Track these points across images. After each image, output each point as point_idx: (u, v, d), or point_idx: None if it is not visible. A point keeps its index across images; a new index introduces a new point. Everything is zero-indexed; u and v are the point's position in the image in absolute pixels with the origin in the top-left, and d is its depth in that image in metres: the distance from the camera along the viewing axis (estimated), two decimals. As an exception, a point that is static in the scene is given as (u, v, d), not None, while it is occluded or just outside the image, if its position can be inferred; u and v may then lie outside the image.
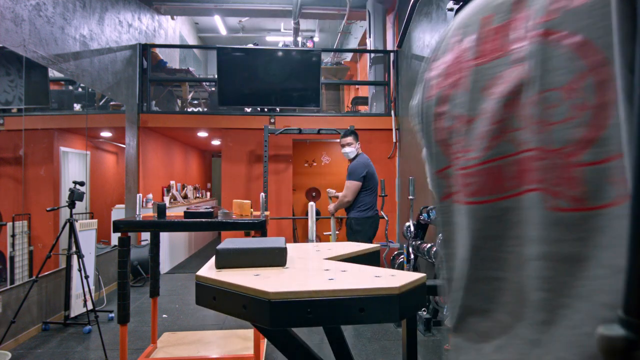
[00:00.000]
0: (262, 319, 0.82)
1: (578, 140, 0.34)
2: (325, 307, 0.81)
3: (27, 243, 3.48)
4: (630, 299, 0.31)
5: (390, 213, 5.62)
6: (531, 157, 0.37)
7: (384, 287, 0.84)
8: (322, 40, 9.96)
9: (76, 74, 4.22)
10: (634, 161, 0.29)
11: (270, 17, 8.48)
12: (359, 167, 3.67)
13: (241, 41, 9.86)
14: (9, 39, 3.23)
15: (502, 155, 0.39)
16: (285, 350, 1.12)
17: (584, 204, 0.33)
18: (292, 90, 5.74)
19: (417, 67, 5.10)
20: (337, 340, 1.36)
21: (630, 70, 0.30)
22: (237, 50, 5.89)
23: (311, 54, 5.84)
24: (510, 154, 0.39)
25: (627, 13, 0.31)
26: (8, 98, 3.26)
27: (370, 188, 3.70)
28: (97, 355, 3.09)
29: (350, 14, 6.83)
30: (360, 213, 3.68)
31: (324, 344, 2.43)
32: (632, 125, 0.30)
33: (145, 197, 5.86)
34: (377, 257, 1.41)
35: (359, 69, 8.93)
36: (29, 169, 3.53)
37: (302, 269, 1.03)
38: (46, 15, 3.73)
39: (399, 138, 5.92)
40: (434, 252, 3.94)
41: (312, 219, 3.62)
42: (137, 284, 5.24)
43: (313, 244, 1.43)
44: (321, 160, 7.64)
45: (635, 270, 0.30)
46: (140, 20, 6.05)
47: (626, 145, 0.31)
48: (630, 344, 0.29)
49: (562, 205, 0.34)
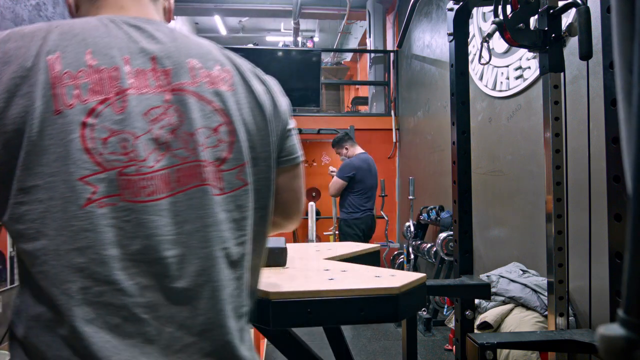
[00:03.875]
0: (262, 319, 0.82)
1: (221, 158, 0.62)
2: (325, 307, 0.82)
3: (27, 243, 3.49)
4: (630, 299, 0.31)
5: (390, 213, 5.63)
6: (195, 165, 0.59)
7: (384, 287, 0.84)
8: (322, 40, 9.96)
9: (76, 74, 4.22)
10: (633, 161, 0.29)
11: (270, 17, 8.48)
12: (347, 167, 3.71)
13: (241, 41, 9.86)
14: (9, 39, 3.24)
15: (170, 165, 0.59)
16: (285, 350, 1.12)
17: (224, 191, 0.62)
18: (292, 90, 5.72)
19: (417, 67, 5.10)
20: (337, 340, 1.37)
21: (629, 70, 0.30)
22: (237, 50, 5.84)
23: (311, 54, 5.85)
24: (175, 165, 0.59)
25: (626, 13, 0.31)
26: (8, 98, 3.26)
27: (360, 190, 3.70)
28: (97, 355, 3.09)
29: (350, 14, 6.83)
30: (347, 215, 3.71)
31: (324, 344, 2.43)
32: (630, 125, 0.30)
33: (145, 197, 5.85)
34: (377, 257, 1.41)
35: (359, 69, 8.93)
36: (29, 169, 3.53)
37: (302, 269, 1.03)
38: (46, 16, 3.74)
39: (399, 138, 5.92)
40: (434, 252, 3.94)
41: (312, 219, 3.62)
42: (137, 284, 5.24)
43: (313, 244, 1.43)
44: (321, 160, 7.65)
45: (635, 270, 0.30)
46: (140, 21, 6.05)
47: (625, 145, 0.31)
48: (630, 344, 0.29)
49: (217, 192, 0.61)
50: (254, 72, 0.73)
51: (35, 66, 0.54)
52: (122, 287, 0.54)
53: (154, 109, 0.59)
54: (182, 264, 0.58)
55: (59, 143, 0.54)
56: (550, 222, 1.30)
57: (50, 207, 0.54)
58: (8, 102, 0.53)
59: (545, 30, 1.26)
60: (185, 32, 0.74)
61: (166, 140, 0.59)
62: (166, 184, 0.58)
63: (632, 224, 0.30)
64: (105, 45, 0.59)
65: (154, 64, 0.61)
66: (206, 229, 0.60)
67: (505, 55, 2.95)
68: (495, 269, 2.68)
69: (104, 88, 0.57)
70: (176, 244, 0.58)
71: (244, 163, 0.64)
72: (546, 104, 1.30)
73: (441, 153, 4.27)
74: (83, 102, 0.56)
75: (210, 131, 0.62)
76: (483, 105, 3.30)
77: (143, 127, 0.58)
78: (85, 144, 0.55)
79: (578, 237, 1.90)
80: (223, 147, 0.62)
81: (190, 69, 0.63)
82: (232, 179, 0.63)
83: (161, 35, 0.64)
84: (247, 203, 0.65)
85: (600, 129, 1.06)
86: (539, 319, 2.15)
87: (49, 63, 0.55)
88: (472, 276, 1.38)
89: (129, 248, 0.55)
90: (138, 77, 0.59)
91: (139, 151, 0.57)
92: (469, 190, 1.43)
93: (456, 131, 1.43)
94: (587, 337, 1.04)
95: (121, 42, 0.60)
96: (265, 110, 0.68)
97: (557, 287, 1.29)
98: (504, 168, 3.03)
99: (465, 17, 1.46)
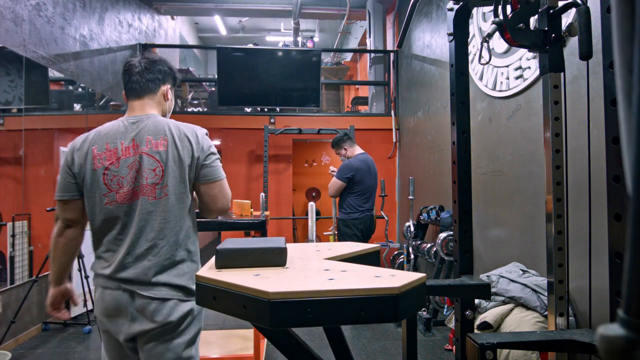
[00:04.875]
0: (262, 319, 0.82)
1: (155, 183, 1.37)
2: (325, 307, 0.81)
3: (27, 243, 3.48)
4: (630, 299, 0.31)
5: (390, 213, 5.62)
6: (142, 186, 1.37)
7: (384, 287, 0.84)
8: (322, 40, 9.96)
9: (76, 74, 4.22)
10: (633, 161, 0.29)
11: (270, 17, 8.48)
12: (346, 168, 3.71)
13: (241, 41, 9.86)
14: (9, 39, 3.23)
15: (135, 188, 1.37)
16: (285, 350, 1.12)
17: (155, 199, 1.38)
18: (292, 90, 5.74)
19: (417, 67, 5.10)
20: (337, 340, 1.36)
21: (629, 70, 0.30)
22: (237, 50, 5.88)
23: (311, 54, 5.84)
24: (138, 186, 1.38)
25: (626, 12, 0.31)
26: (8, 98, 3.26)
27: (359, 191, 3.70)
28: (97, 355, 3.09)
29: (350, 14, 6.83)
30: (346, 215, 3.71)
31: (324, 344, 2.43)
32: (630, 125, 0.30)
33: (145, 197, 5.86)
34: (377, 257, 1.41)
35: (359, 69, 8.93)
36: (29, 169, 3.53)
37: (302, 269, 1.03)
38: (46, 15, 3.73)
39: (399, 138, 5.92)
40: (434, 252, 3.94)
41: (312, 219, 3.62)
42: (137, 284, 5.24)
43: (313, 244, 1.43)
44: (321, 160, 7.64)
45: (635, 270, 0.30)
46: (140, 20, 6.05)
47: (625, 145, 0.31)
48: (630, 344, 0.29)
49: (151, 199, 1.37)
50: (186, 135, 1.41)
51: (88, 151, 1.39)
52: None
53: (131, 163, 1.37)
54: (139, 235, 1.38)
55: (94, 180, 1.37)
56: (550, 222, 1.30)
57: (95, 205, 1.39)
58: (80, 163, 1.38)
59: (545, 30, 1.26)
60: (157, 116, 1.46)
61: (133, 176, 1.37)
62: (131, 197, 1.37)
63: (632, 224, 0.30)
64: (114, 137, 1.39)
65: (133, 142, 1.38)
66: (146, 216, 1.38)
67: (505, 55, 2.95)
68: (495, 269, 2.68)
69: (111, 158, 1.37)
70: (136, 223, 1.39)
71: (166, 185, 1.37)
72: (546, 104, 1.30)
73: (441, 153, 4.27)
74: (103, 164, 1.37)
75: (151, 170, 1.37)
76: (483, 105, 3.30)
77: (126, 172, 1.37)
78: (105, 180, 1.37)
79: (578, 237, 1.90)
80: (157, 178, 1.37)
81: (147, 141, 1.38)
82: (161, 193, 1.37)
83: (142, 124, 1.40)
84: (167, 204, 1.38)
85: (600, 129, 1.05)
86: (539, 319, 2.15)
87: (92, 149, 1.39)
88: (472, 276, 1.38)
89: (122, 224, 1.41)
90: (125, 150, 1.37)
91: (123, 183, 1.37)
92: (469, 190, 1.43)
93: (456, 131, 1.43)
94: (587, 337, 1.04)
95: (122, 134, 1.39)
96: (183, 158, 1.39)
97: (557, 287, 1.29)
98: (504, 168, 3.03)
99: (465, 17, 1.45)
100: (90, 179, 1.36)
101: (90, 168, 1.36)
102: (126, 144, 1.37)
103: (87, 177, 1.36)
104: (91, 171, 1.36)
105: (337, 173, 3.73)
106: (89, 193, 1.37)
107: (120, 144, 1.37)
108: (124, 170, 1.36)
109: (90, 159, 1.36)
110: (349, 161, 3.75)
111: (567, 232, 1.29)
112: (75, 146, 1.40)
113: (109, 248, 1.40)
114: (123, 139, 1.37)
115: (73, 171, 1.38)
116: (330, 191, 3.79)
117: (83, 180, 1.37)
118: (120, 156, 1.36)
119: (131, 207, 1.36)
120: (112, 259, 1.38)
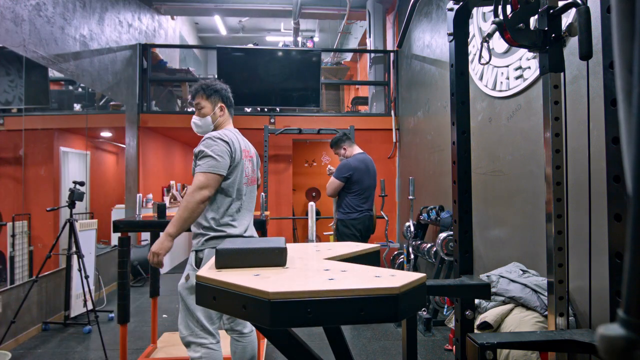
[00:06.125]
0: (262, 319, 0.82)
1: (256, 177, 2.28)
2: (325, 307, 0.81)
3: (27, 243, 3.48)
4: (630, 299, 0.31)
5: (390, 213, 5.62)
6: (252, 177, 2.23)
7: (383, 287, 0.84)
8: (322, 40, 9.96)
9: (76, 74, 4.22)
10: (633, 161, 0.29)
11: (270, 17, 8.48)
12: (344, 167, 3.70)
13: (241, 41, 9.86)
14: (9, 39, 3.23)
15: (250, 179, 2.18)
16: (285, 350, 1.12)
17: (256, 184, 2.28)
18: (292, 90, 5.74)
19: (417, 67, 5.10)
20: (337, 341, 1.36)
21: (629, 70, 0.30)
22: (237, 50, 5.88)
23: (311, 54, 5.84)
24: (249, 176, 2.17)
25: (626, 12, 0.31)
26: (8, 98, 3.26)
27: (357, 191, 3.69)
28: (97, 355, 3.09)
29: (350, 14, 6.83)
30: (344, 215, 3.70)
31: (324, 344, 2.43)
32: (630, 125, 0.30)
33: (145, 197, 5.86)
34: (377, 257, 1.41)
35: (359, 69, 8.93)
36: (29, 169, 3.53)
37: (302, 269, 1.03)
38: (46, 15, 3.73)
39: (399, 138, 5.92)
40: (434, 252, 3.94)
41: (312, 219, 3.62)
42: (137, 284, 5.24)
43: (313, 244, 1.43)
44: (321, 160, 7.64)
45: (635, 270, 0.30)
46: (140, 20, 6.05)
47: (625, 145, 0.31)
48: (630, 344, 0.29)
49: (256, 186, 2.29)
50: None
51: (238, 147, 2.08)
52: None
53: (248, 161, 2.16)
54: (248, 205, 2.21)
55: (239, 167, 2.07)
56: (550, 222, 1.30)
57: (236, 181, 2.07)
58: (234, 153, 2.04)
59: (545, 30, 1.26)
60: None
61: (252, 169, 2.20)
62: (250, 182, 2.17)
63: (632, 224, 0.30)
64: (238, 141, 2.11)
65: (245, 149, 2.14)
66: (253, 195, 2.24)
67: (505, 55, 2.95)
68: (495, 269, 2.68)
69: (245, 155, 2.14)
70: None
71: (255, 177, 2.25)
72: (546, 104, 1.30)
73: (441, 153, 4.27)
74: (245, 157, 2.13)
75: (251, 168, 2.18)
76: (483, 105, 3.30)
77: (248, 167, 2.15)
78: (245, 169, 2.12)
79: (578, 237, 1.90)
80: (255, 172, 2.25)
81: (248, 150, 2.18)
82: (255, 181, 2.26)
83: (240, 137, 2.17)
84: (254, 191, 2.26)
85: (600, 129, 1.05)
86: (539, 319, 2.15)
87: (240, 146, 2.11)
88: (472, 276, 1.38)
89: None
90: (244, 152, 2.12)
91: (248, 172, 2.15)
92: (469, 190, 1.43)
93: (456, 131, 1.43)
94: (587, 337, 1.04)
95: (241, 140, 2.15)
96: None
97: (557, 287, 1.29)
98: (504, 168, 3.03)
99: (465, 17, 1.45)
100: (237, 164, 2.06)
101: (239, 156, 2.05)
102: (243, 148, 2.12)
103: (237, 161, 2.06)
104: (240, 159, 2.06)
105: (335, 172, 3.73)
106: (233, 171, 2.07)
107: (240, 147, 2.12)
108: (247, 166, 2.15)
109: (239, 151, 2.07)
110: (347, 160, 3.74)
111: (567, 232, 1.29)
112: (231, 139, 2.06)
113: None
114: (244, 145, 2.16)
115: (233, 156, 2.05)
116: (328, 191, 3.78)
117: (232, 163, 2.05)
118: (246, 156, 2.15)
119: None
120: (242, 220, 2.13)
